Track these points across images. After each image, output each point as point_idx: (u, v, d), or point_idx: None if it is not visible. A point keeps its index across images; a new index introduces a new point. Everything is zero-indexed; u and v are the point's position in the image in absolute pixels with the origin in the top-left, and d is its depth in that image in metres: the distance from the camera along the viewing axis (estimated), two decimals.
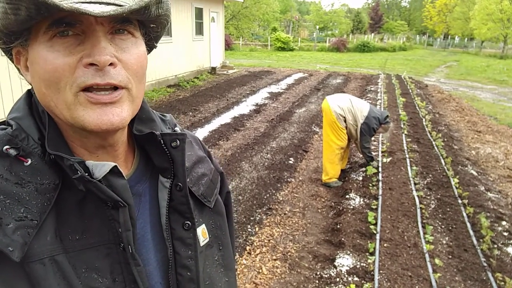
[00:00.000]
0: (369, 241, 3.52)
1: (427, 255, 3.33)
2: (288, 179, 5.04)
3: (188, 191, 0.69)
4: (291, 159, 5.79)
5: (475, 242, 3.59)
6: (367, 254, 3.37)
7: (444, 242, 3.64)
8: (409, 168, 5.28)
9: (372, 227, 3.76)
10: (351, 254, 3.38)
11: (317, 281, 3.06)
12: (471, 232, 3.75)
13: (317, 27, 51.08)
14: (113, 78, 0.55)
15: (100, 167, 0.58)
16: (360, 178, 5.05)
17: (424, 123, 7.86)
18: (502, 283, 3.04)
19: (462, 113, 9.44)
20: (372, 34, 47.38)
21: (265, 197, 4.49)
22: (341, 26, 54.41)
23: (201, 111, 8.74)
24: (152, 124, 0.70)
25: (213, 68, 15.24)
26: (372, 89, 12.29)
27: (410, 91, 11.87)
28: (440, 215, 4.13)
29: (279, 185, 4.84)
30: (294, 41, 35.09)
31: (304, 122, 8.03)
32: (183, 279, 0.68)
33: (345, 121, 4.72)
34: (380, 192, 4.51)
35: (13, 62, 0.62)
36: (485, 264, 3.27)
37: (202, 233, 0.73)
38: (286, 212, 4.17)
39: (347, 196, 4.54)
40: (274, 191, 4.65)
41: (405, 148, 6.14)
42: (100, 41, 0.54)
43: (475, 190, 4.72)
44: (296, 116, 8.51)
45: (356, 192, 4.62)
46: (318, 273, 3.16)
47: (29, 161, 0.57)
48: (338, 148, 4.77)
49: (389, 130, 5.12)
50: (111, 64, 0.55)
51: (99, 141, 0.62)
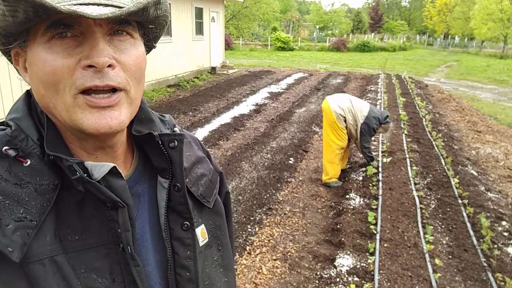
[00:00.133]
0: (369, 241, 3.52)
1: (427, 255, 3.33)
2: (288, 179, 5.04)
3: (186, 192, 0.70)
4: (291, 159, 5.79)
5: (475, 242, 3.59)
6: (367, 254, 3.37)
7: (444, 242, 3.64)
8: (409, 168, 5.28)
9: (372, 227, 3.76)
10: (351, 254, 3.38)
11: (317, 281, 3.06)
12: (471, 232, 3.75)
13: (317, 26, 51.05)
14: (111, 80, 0.55)
15: (99, 168, 0.58)
16: (360, 178, 5.05)
17: (424, 123, 7.85)
18: (502, 283, 3.04)
19: (462, 113, 9.43)
20: (372, 34, 47.35)
21: (265, 197, 4.49)
22: (341, 26, 54.38)
23: (201, 111, 8.73)
24: (151, 124, 0.70)
25: (213, 68, 15.24)
26: (372, 89, 12.28)
27: (410, 91, 11.86)
28: (440, 215, 4.13)
29: (279, 185, 4.84)
30: (294, 41, 35.08)
31: (304, 122, 8.02)
32: (182, 279, 0.69)
33: (345, 121, 4.72)
34: (380, 192, 4.51)
35: (12, 63, 0.62)
36: (485, 264, 3.27)
37: (201, 233, 0.73)
38: (286, 212, 4.17)
39: (347, 196, 4.54)
40: (274, 191, 4.65)
41: (405, 148, 6.14)
42: (99, 43, 0.54)
43: (475, 190, 4.72)
44: (296, 116, 8.50)
45: (356, 192, 4.62)
46: (318, 273, 3.16)
47: (29, 162, 0.57)
48: (338, 148, 4.77)
49: (389, 130, 5.12)
50: (110, 65, 0.55)
51: (98, 143, 0.62)
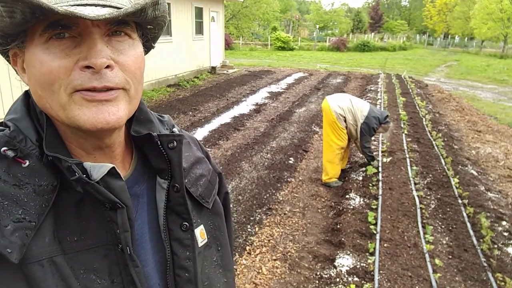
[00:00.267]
0: (369, 241, 3.52)
1: (427, 255, 3.32)
2: (288, 179, 5.04)
3: (185, 192, 0.69)
4: (291, 159, 5.79)
5: (475, 242, 3.59)
6: (367, 254, 3.36)
7: (444, 242, 3.64)
8: (409, 168, 5.27)
9: (372, 227, 3.76)
10: (351, 254, 3.37)
11: (317, 281, 3.06)
12: (471, 232, 3.74)
13: (317, 26, 51.03)
14: (109, 81, 0.55)
15: (98, 169, 0.57)
16: (360, 178, 5.04)
17: (424, 122, 7.85)
18: (502, 283, 3.03)
19: (462, 112, 9.43)
20: (372, 33, 47.34)
21: (265, 197, 4.49)
22: (341, 26, 54.36)
23: (201, 110, 8.73)
24: (150, 125, 0.70)
25: (213, 68, 15.24)
26: (372, 88, 12.27)
27: (410, 90, 11.86)
28: (440, 215, 4.12)
29: (279, 185, 4.84)
30: (294, 40, 35.06)
31: (304, 121, 8.02)
32: (181, 280, 0.68)
33: (345, 121, 4.72)
34: (380, 192, 4.50)
35: (10, 63, 0.62)
36: (485, 264, 3.27)
37: (201, 234, 0.73)
38: (286, 212, 4.17)
39: (347, 196, 4.53)
40: (274, 191, 4.65)
41: (405, 148, 6.14)
42: (97, 44, 0.53)
43: (475, 190, 4.72)
44: (296, 116, 8.50)
45: (356, 192, 4.62)
46: (318, 273, 3.16)
47: (27, 163, 0.56)
48: (338, 148, 4.77)
49: (389, 129, 5.12)
50: (108, 66, 0.54)
51: (96, 141, 0.62)
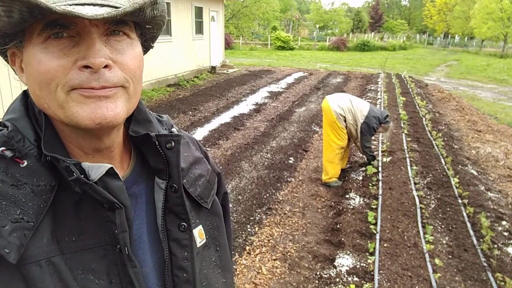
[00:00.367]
0: (369, 241, 3.52)
1: (427, 255, 3.32)
2: (288, 179, 5.04)
3: (183, 192, 0.69)
4: (291, 158, 5.79)
5: (475, 242, 3.59)
6: (367, 254, 3.36)
7: (444, 242, 3.64)
8: (409, 167, 5.27)
9: (372, 227, 3.75)
10: (351, 254, 3.37)
11: (316, 281, 3.06)
12: (471, 232, 3.74)
13: (317, 26, 51.02)
14: (108, 81, 0.55)
15: (96, 169, 0.57)
16: (360, 178, 5.04)
17: (424, 122, 7.85)
18: (502, 283, 3.03)
19: (462, 112, 9.43)
20: (372, 33, 47.30)
21: (264, 196, 4.49)
22: (341, 25, 54.36)
23: (201, 110, 8.73)
24: (149, 125, 0.70)
25: (213, 67, 15.23)
26: (372, 88, 12.27)
27: (410, 90, 11.86)
28: (440, 215, 4.12)
29: (279, 184, 4.84)
30: (294, 40, 35.06)
31: (304, 121, 8.02)
32: (180, 281, 0.68)
33: (345, 121, 4.72)
34: (380, 191, 4.50)
35: (8, 63, 0.62)
36: (485, 264, 3.27)
37: (199, 234, 0.73)
38: (286, 212, 4.17)
39: (347, 196, 4.53)
40: (274, 191, 4.65)
41: (405, 147, 6.13)
42: (95, 43, 0.53)
43: (475, 190, 4.71)
44: (296, 116, 8.50)
45: (356, 192, 4.62)
46: (317, 273, 3.16)
47: (25, 163, 0.56)
48: (338, 148, 4.77)
49: (389, 129, 5.11)
50: (106, 66, 0.54)
51: (95, 141, 0.61)
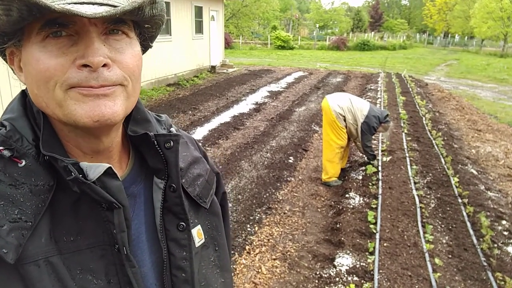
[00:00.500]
0: (368, 241, 3.52)
1: (427, 255, 3.32)
2: (288, 178, 5.04)
3: (182, 192, 0.69)
4: (290, 158, 5.79)
5: (475, 241, 3.59)
6: (367, 253, 3.36)
7: (444, 241, 3.64)
8: (409, 167, 5.27)
9: (372, 226, 3.75)
10: (350, 254, 3.37)
11: (316, 281, 3.06)
12: (471, 232, 3.74)
13: (317, 25, 51.03)
14: (106, 80, 0.54)
15: (94, 169, 0.57)
16: (360, 177, 5.04)
17: (424, 122, 7.85)
18: (502, 282, 3.04)
19: (462, 111, 9.42)
20: (372, 32, 47.26)
21: (264, 196, 4.49)
22: (341, 25, 54.37)
23: (200, 110, 8.73)
24: (147, 125, 0.70)
25: (213, 67, 15.23)
26: (372, 87, 12.27)
27: (410, 89, 11.86)
28: (440, 214, 4.12)
29: (278, 184, 4.84)
30: (294, 39, 35.06)
31: (304, 121, 8.02)
32: (178, 280, 0.68)
33: (345, 120, 4.72)
34: (380, 191, 4.50)
35: (7, 62, 0.62)
36: (485, 264, 3.27)
37: (198, 234, 0.73)
38: (286, 212, 4.17)
39: (347, 195, 4.53)
40: (273, 190, 4.65)
41: (405, 147, 6.13)
42: (94, 42, 0.53)
43: (475, 189, 4.71)
44: (296, 115, 8.50)
45: (356, 191, 4.62)
46: (317, 272, 3.16)
47: (23, 162, 0.56)
48: (338, 147, 4.76)
49: (389, 129, 5.10)
50: (105, 65, 0.54)
51: (94, 140, 0.61)
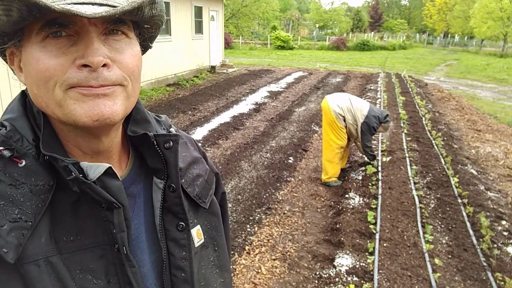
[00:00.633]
0: (368, 241, 3.52)
1: (426, 255, 3.32)
2: (288, 179, 5.04)
3: (181, 192, 0.69)
4: (290, 158, 5.79)
5: (475, 241, 3.59)
6: (367, 254, 3.36)
7: (444, 241, 3.64)
8: (408, 167, 5.27)
9: (371, 226, 3.75)
10: (350, 254, 3.37)
11: (316, 281, 3.06)
12: (471, 232, 3.74)
13: (317, 25, 51.10)
14: (106, 80, 0.55)
15: (94, 169, 0.57)
16: (360, 178, 5.04)
17: (424, 122, 7.85)
18: (502, 283, 3.04)
19: (462, 112, 9.43)
20: (372, 32, 47.27)
21: (264, 196, 4.49)
22: (341, 25, 54.36)
23: (200, 110, 8.73)
24: (147, 125, 0.70)
25: (213, 67, 15.23)
26: (372, 88, 12.27)
27: (410, 90, 11.86)
28: (439, 215, 4.12)
29: (278, 184, 4.84)
30: (294, 39, 35.06)
31: (304, 121, 8.02)
32: (178, 280, 0.68)
33: (345, 121, 4.72)
34: (380, 191, 4.50)
35: (7, 62, 0.62)
36: (485, 264, 3.27)
37: (197, 234, 0.73)
38: (286, 212, 4.17)
39: (347, 196, 4.53)
40: (273, 191, 4.65)
41: (405, 147, 6.13)
42: (93, 42, 0.53)
43: (475, 190, 4.72)
44: (296, 115, 8.50)
45: (356, 192, 4.62)
46: (317, 273, 3.16)
47: (24, 162, 0.56)
48: (338, 148, 4.77)
49: (389, 129, 5.10)
50: (105, 65, 0.54)
51: (93, 140, 0.61)
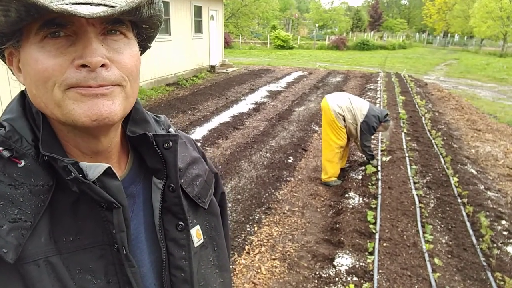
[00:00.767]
0: (368, 241, 3.52)
1: (426, 255, 3.32)
2: (287, 178, 5.04)
3: (180, 192, 0.69)
4: (290, 158, 5.79)
5: (474, 241, 3.59)
6: (366, 253, 3.36)
7: (444, 241, 3.64)
8: (408, 167, 5.27)
9: (371, 226, 3.75)
10: (350, 254, 3.37)
11: (316, 281, 3.06)
12: (471, 231, 3.74)
13: (317, 25, 51.07)
14: (105, 80, 0.55)
15: (94, 169, 0.57)
16: (360, 177, 5.04)
17: (423, 121, 7.85)
18: (502, 282, 3.04)
19: (461, 111, 9.43)
20: (372, 32, 47.27)
21: (264, 196, 4.49)
22: (340, 24, 54.35)
23: (200, 109, 8.73)
24: (146, 125, 0.70)
25: (213, 67, 15.23)
26: (371, 87, 12.27)
27: (410, 89, 11.86)
28: (439, 214, 4.12)
29: (278, 184, 4.84)
30: (293, 39, 35.08)
31: (304, 120, 8.02)
32: (177, 280, 0.68)
33: (344, 120, 4.72)
34: (380, 191, 4.50)
35: (5, 63, 0.62)
36: (484, 264, 3.27)
37: (197, 234, 0.73)
38: (285, 212, 4.17)
39: (347, 195, 4.53)
40: (273, 190, 4.65)
41: (405, 146, 6.13)
42: (92, 42, 0.53)
43: (475, 189, 4.72)
44: (296, 115, 8.50)
45: (356, 191, 4.62)
46: (317, 272, 3.16)
47: (23, 163, 0.56)
48: (338, 147, 4.77)
49: (388, 128, 5.10)
50: (103, 65, 0.54)
51: (92, 140, 0.61)
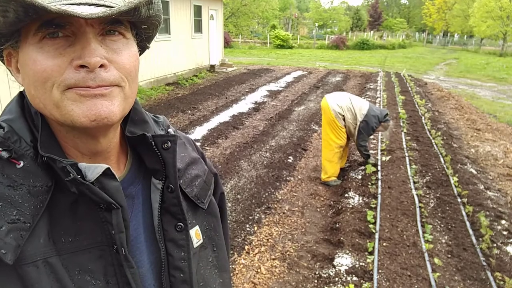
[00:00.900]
0: (368, 240, 3.52)
1: (426, 255, 3.32)
2: (287, 178, 5.04)
3: (179, 193, 0.69)
4: (290, 157, 5.79)
5: (474, 241, 3.59)
6: (366, 253, 3.36)
7: (444, 241, 3.64)
8: (408, 166, 5.27)
9: (371, 226, 3.75)
10: (350, 254, 3.37)
11: (316, 281, 3.06)
12: (471, 231, 3.75)
13: (317, 24, 51.07)
14: (104, 80, 0.55)
15: (93, 169, 0.57)
16: (359, 177, 5.04)
17: (423, 121, 7.86)
18: (502, 282, 3.04)
19: (461, 111, 9.43)
20: (372, 31, 47.22)
21: (264, 196, 4.49)
22: (340, 24, 54.36)
23: (200, 109, 8.73)
24: (145, 125, 0.70)
25: (212, 66, 15.23)
26: (371, 87, 12.27)
27: (410, 89, 11.86)
28: (439, 214, 4.13)
29: (278, 184, 4.84)
30: (293, 38, 35.07)
31: (303, 120, 8.02)
32: (176, 281, 0.68)
33: (344, 120, 4.72)
34: (379, 191, 4.50)
35: (4, 64, 0.62)
36: (484, 263, 3.27)
37: (196, 235, 0.73)
38: (285, 211, 4.17)
39: (346, 195, 4.53)
40: (273, 190, 4.65)
41: (405, 146, 6.13)
42: (90, 43, 0.53)
43: (475, 189, 4.72)
44: (295, 114, 8.50)
45: (355, 191, 4.62)
46: (317, 272, 3.16)
47: (22, 164, 0.56)
48: (337, 147, 4.77)
49: (388, 128, 5.10)
50: (102, 66, 0.54)
51: (91, 141, 0.61)
